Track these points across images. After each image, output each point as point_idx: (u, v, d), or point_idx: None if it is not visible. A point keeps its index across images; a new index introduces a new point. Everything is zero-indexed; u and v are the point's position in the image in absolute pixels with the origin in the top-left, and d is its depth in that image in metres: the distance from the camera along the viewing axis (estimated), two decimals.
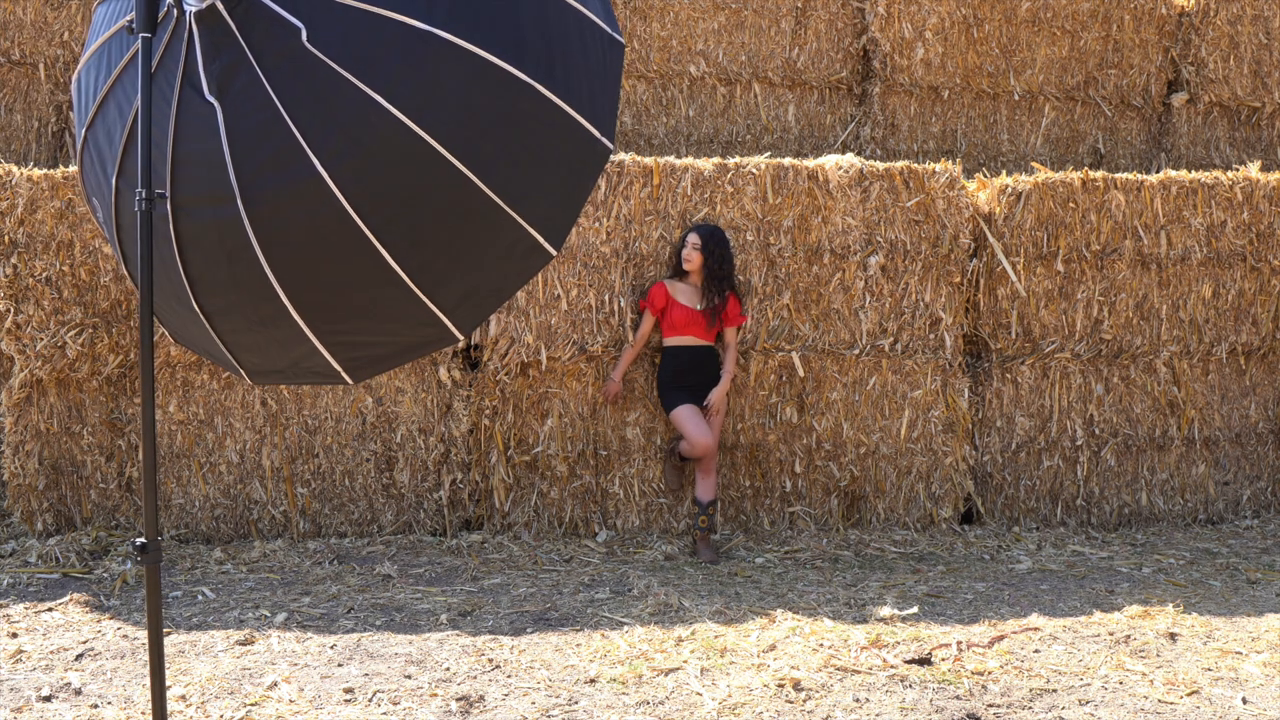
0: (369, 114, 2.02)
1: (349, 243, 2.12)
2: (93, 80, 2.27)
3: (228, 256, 2.17)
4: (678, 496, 5.86)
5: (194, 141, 2.10)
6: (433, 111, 2.06)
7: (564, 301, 5.63)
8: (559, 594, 4.82)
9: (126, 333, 5.42)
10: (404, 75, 2.03)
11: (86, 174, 2.38)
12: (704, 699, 3.61)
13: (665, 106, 7.78)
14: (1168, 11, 8.04)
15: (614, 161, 5.65)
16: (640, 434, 5.80)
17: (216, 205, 2.12)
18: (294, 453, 5.62)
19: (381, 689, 3.70)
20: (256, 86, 2.03)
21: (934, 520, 6.00)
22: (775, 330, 5.82)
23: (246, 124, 2.06)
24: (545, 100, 2.12)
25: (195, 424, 5.54)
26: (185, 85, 2.08)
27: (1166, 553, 5.74)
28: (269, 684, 3.74)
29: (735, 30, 7.68)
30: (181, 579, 4.96)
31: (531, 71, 2.09)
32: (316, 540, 5.58)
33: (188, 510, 5.58)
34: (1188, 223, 6.20)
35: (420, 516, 5.76)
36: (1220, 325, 6.33)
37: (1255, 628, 4.43)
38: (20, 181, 5.32)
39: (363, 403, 5.64)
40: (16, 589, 4.82)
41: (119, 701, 3.60)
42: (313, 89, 2.02)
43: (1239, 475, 6.53)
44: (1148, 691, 3.73)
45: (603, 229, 5.65)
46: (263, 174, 2.08)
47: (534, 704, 3.58)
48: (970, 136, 8.11)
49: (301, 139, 2.03)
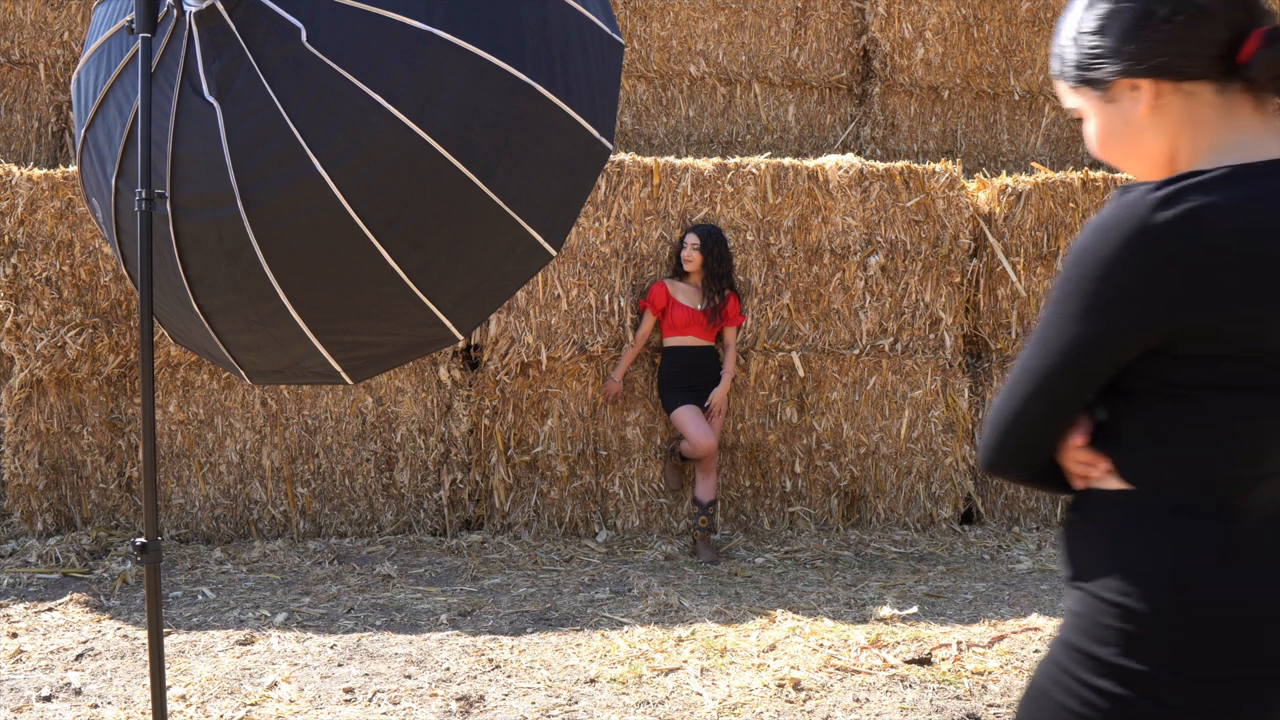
0: (369, 114, 2.02)
1: (348, 243, 2.12)
2: (92, 80, 2.27)
3: (227, 256, 2.17)
4: (678, 496, 5.86)
5: (194, 142, 2.10)
6: (433, 112, 2.06)
7: (564, 301, 5.63)
8: (559, 594, 4.82)
9: (126, 333, 5.42)
10: (404, 76, 2.03)
11: (86, 174, 2.38)
12: (704, 699, 3.61)
13: (665, 106, 7.78)
14: None
15: (614, 161, 5.65)
16: (640, 434, 5.80)
17: (216, 205, 2.12)
18: (294, 453, 5.62)
19: (381, 689, 3.70)
20: (256, 87, 2.03)
21: (934, 520, 6.00)
22: (775, 330, 5.82)
23: (246, 124, 2.06)
24: (545, 100, 2.12)
25: (195, 424, 5.54)
26: (185, 85, 2.08)
27: None
28: (269, 684, 3.74)
29: (735, 30, 7.67)
30: (181, 579, 4.96)
31: (531, 72, 2.09)
32: (316, 540, 5.58)
33: (188, 510, 5.58)
34: None
35: (420, 516, 5.76)
36: None
37: None
38: (20, 181, 5.32)
39: (363, 403, 5.64)
40: (16, 589, 4.82)
41: (119, 701, 3.60)
42: (313, 89, 2.02)
43: None
44: None
45: (603, 229, 5.65)
46: (262, 174, 2.08)
47: (534, 704, 3.58)
48: (970, 136, 8.11)
49: (301, 139, 2.03)
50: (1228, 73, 1.27)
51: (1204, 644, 1.23)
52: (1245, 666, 1.23)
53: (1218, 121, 1.28)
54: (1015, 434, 1.34)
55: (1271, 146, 1.27)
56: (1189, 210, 1.19)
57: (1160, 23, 1.27)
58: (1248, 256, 1.20)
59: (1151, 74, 1.29)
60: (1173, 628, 1.24)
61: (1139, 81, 1.30)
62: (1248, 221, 1.20)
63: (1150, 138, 1.32)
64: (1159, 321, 1.23)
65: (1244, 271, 1.20)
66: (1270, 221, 1.21)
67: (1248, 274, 1.20)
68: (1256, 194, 1.22)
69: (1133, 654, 1.25)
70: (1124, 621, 1.26)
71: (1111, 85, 1.32)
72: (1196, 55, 1.27)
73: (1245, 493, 1.26)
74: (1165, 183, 1.22)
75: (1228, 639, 1.23)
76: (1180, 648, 1.24)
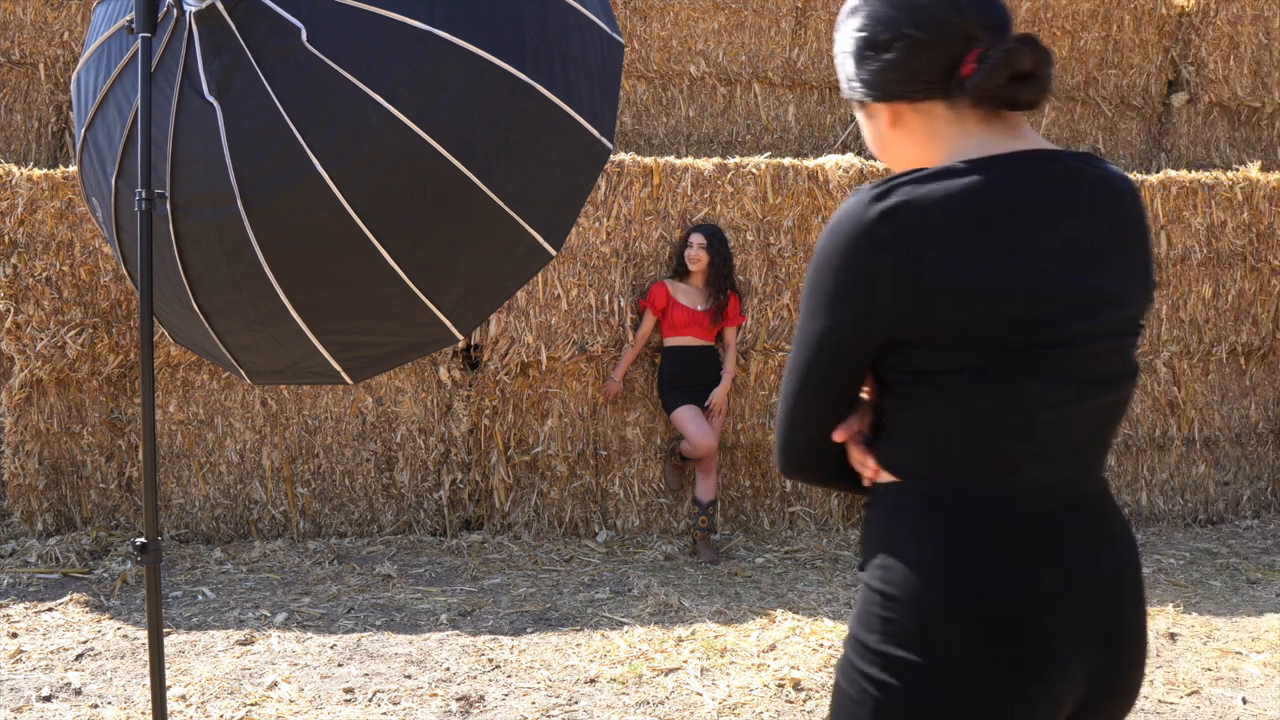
0: (369, 114, 2.02)
1: (348, 243, 2.11)
2: (92, 80, 2.27)
3: (227, 256, 2.17)
4: (678, 496, 5.86)
5: (194, 141, 2.10)
6: (433, 112, 2.05)
7: (564, 301, 5.63)
8: (559, 594, 4.82)
9: (126, 333, 5.41)
10: (404, 75, 2.03)
11: (86, 174, 2.37)
12: (704, 699, 3.61)
13: (665, 106, 7.77)
14: (1168, 11, 8.03)
15: (614, 161, 5.65)
16: (640, 434, 5.80)
17: (216, 205, 2.11)
18: (294, 453, 5.62)
19: (381, 689, 3.70)
20: (256, 86, 2.02)
21: None
22: (775, 330, 5.82)
23: (246, 124, 2.05)
24: (545, 100, 2.11)
25: (195, 424, 5.54)
26: (185, 85, 2.08)
27: (1166, 553, 5.73)
28: (269, 684, 3.73)
29: (735, 30, 7.67)
30: (181, 579, 4.96)
31: (531, 72, 2.09)
32: (316, 540, 5.58)
33: (188, 510, 5.57)
34: (1188, 223, 6.20)
35: (420, 516, 5.76)
36: (1220, 325, 6.33)
37: (1255, 628, 4.43)
38: (20, 181, 5.31)
39: (363, 403, 5.64)
40: (16, 589, 4.81)
41: (119, 701, 3.60)
42: (312, 89, 2.02)
43: (1239, 475, 6.53)
44: (1148, 691, 3.73)
45: (603, 229, 5.65)
46: (262, 174, 2.08)
47: (534, 704, 3.58)
48: None
49: (301, 139, 2.03)
50: (954, 90, 1.33)
51: (966, 632, 1.25)
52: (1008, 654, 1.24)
53: (953, 132, 1.35)
54: (791, 433, 1.38)
55: (1002, 144, 1.33)
56: (898, 203, 1.25)
57: (881, 53, 1.35)
58: (953, 242, 1.24)
59: (883, 99, 1.38)
60: (934, 616, 1.26)
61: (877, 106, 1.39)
62: (955, 209, 1.25)
63: (901, 148, 1.40)
64: (884, 310, 1.27)
65: (952, 256, 1.24)
66: (971, 209, 1.25)
67: (955, 259, 1.24)
68: (968, 184, 1.27)
69: (897, 642, 1.27)
70: (888, 610, 1.28)
71: (866, 104, 1.41)
72: (919, 81, 1.34)
73: (1004, 477, 1.28)
74: (883, 181, 1.29)
75: (989, 627, 1.25)
76: (942, 636, 1.25)
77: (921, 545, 1.28)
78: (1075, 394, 1.29)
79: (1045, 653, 1.25)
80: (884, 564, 1.31)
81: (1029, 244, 1.27)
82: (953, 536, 1.28)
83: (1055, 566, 1.28)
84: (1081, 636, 1.27)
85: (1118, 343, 1.34)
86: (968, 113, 1.34)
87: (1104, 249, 1.31)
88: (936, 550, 1.28)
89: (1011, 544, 1.27)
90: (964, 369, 1.27)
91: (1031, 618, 1.25)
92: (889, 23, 1.34)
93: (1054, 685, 1.26)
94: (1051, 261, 1.27)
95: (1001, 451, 1.29)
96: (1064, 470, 1.32)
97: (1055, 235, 1.28)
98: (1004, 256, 1.25)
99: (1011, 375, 1.26)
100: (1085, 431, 1.33)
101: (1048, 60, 1.32)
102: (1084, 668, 1.28)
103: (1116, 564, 1.33)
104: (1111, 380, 1.34)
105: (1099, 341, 1.31)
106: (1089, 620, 1.28)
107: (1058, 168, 1.32)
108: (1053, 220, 1.28)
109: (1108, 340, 1.32)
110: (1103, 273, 1.31)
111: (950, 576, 1.26)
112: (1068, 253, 1.29)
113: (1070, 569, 1.28)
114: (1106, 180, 1.36)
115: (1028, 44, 1.30)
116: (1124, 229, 1.35)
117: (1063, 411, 1.29)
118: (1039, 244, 1.27)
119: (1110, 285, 1.31)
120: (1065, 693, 1.27)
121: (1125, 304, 1.33)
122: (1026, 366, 1.27)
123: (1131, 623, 1.33)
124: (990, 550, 1.27)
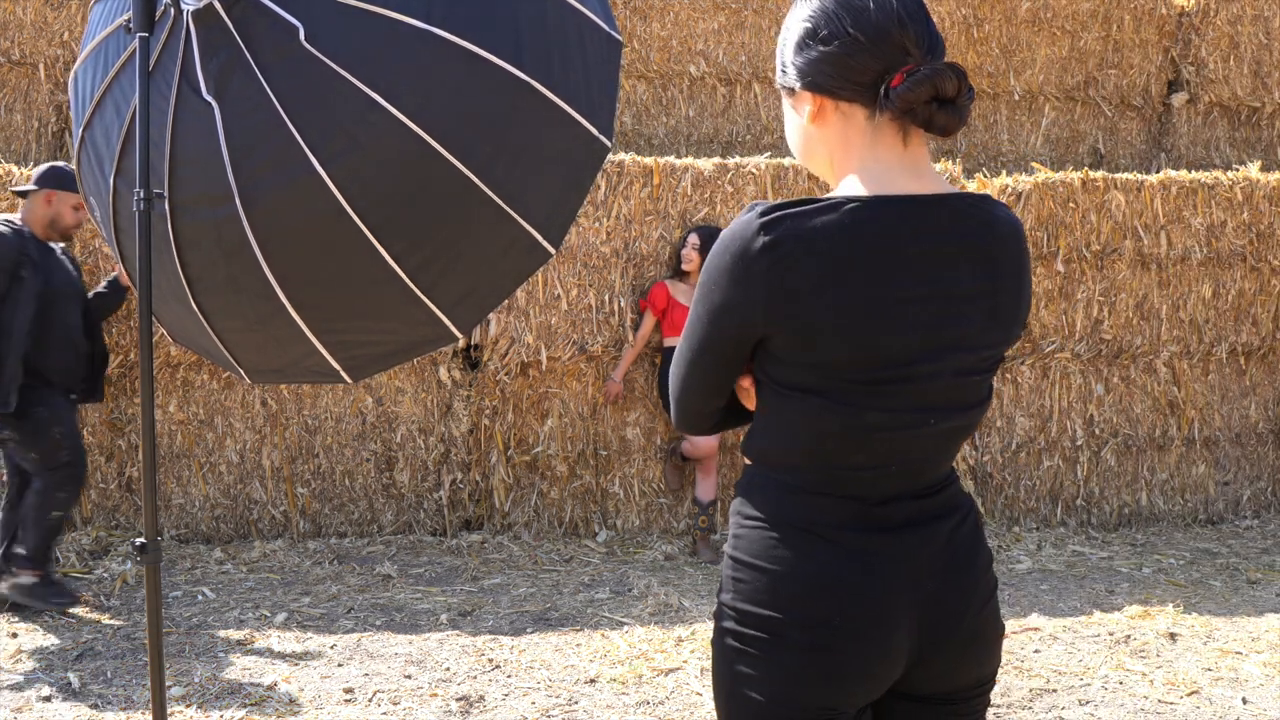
0: (367, 113, 2.02)
1: (347, 242, 2.11)
2: (90, 79, 2.26)
3: (226, 256, 2.16)
4: (678, 496, 5.86)
5: (192, 141, 2.09)
6: (431, 110, 2.05)
7: (564, 301, 5.63)
8: (559, 594, 4.82)
9: (126, 333, 5.41)
10: (402, 74, 2.03)
11: (84, 174, 2.37)
12: (704, 699, 3.61)
13: (665, 106, 7.77)
14: (1168, 11, 8.03)
15: (614, 161, 5.65)
16: (640, 434, 5.80)
17: (215, 205, 2.11)
18: (294, 453, 5.62)
19: (381, 689, 3.70)
20: (254, 85, 2.02)
21: None
22: None
23: (244, 123, 2.05)
24: (544, 98, 2.11)
25: (195, 424, 5.54)
26: (183, 84, 2.08)
27: (1166, 553, 5.73)
28: (269, 684, 3.73)
29: (735, 30, 7.67)
30: (181, 579, 4.96)
31: (530, 70, 2.08)
32: (316, 540, 5.58)
33: (188, 510, 5.57)
34: (1188, 223, 6.20)
35: (420, 516, 5.75)
36: (1220, 325, 6.32)
37: (1255, 628, 4.43)
38: (20, 181, 5.31)
39: (363, 403, 5.63)
40: None
41: (119, 701, 3.59)
42: (311, 88, 2.02)
43: (1239, 475, 6.52)
44: (1148, 691, 3.73)
45: (603, 229, 5.65)
46: (261, 173, 2.07)
47: (534, 704, 3.58)
48: (970, 136, 8.11)
49: (300, 138, 2.02)
50: (879, 101, 1.40)
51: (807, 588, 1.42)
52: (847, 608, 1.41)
53: (865, 145, 1.44)
54: (683, 404, 1.56)
55: (899, 179, 1.42)
56: (779, 236, 1.36)
57: (820, 44, 1.42)
58: (823, 281, 1.36)
59: (812, 89, 1.45)
60: (779, 577, 1.43)
61: (804, 94, 1.46)
62: (830, 250, 1.36)
63: (815, 144, 1.49)
64: (755, 327, 1.41)
65: (818, 294, 1.36)
66: (843, 251, 1.36)
67: (821, 298, 1.36)
68: (850, 225, 1.37)
69: (746, 598, 1.45)
70: (738, 572, 1.47)
71: (795, 92, 1.48)
72: (850, 80, 1.41)
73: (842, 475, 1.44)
74: (773, 208, 1.38)
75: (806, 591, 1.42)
76: (787, 591, 1.43)
77: (770, 518, 1.45)
78: (914, 420, 1.42)
79: (879, 605, 1.41)
80: (737, 534, 1.49)
81: (892, 290, 1.37)
82: (798, 513, 1.44)
83: (889, 533, 1.44)
84: (915, 591, 1.43)
85: (967, 379, 1.45)
86: (885, 129, 1.42)
87: (970, 295, 1.41)
88: (782, 523, 1.45)
89: (850, 516, 1.43)
90: (811, 389, 1.41)
91: (866, 572, 1.41)
92: (835, 19, 1.41)
93: (889, 634, 1.42)
94: (909, 307, 1.38)
95: (842, 459, 1.44)
96: (901, 480, 1.46)
97: (921, 283, 1.38)
98: (865, 300, 1.37)
99: (853, 402, 1.40)
100: (924, 450, 1.46)
101: (969, 93, 1.40)
102: (915, 616, 1.44)
103: (948, 533, 1.48)
104: (955, 409, 1.45)
105: (944, 378, 1.43)
106: (921, 579, 1.44)
107: (944, 213, 1.41)
108: (922, 269, 1.39)
109: (954, 377, 1.43)
110: (960, 319, 1.41)
111: (796, 540, 1.43)
112: (927, 299, 1.39)
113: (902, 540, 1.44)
114: (989, 226, 1.44)
115: (956, 71, 1.38)
116: (994, 275, 1.43)
117: (900, 434, 1.42)
118: (902, 290, 1.38)
119: (967, 331, 1.42)
120: (902, 640, 1.43)
121: (981, 347, 1.45)
122: (867, 396, 1.40)
123: (960, 580, 1.48)
124: (830, 522, 1.43)
